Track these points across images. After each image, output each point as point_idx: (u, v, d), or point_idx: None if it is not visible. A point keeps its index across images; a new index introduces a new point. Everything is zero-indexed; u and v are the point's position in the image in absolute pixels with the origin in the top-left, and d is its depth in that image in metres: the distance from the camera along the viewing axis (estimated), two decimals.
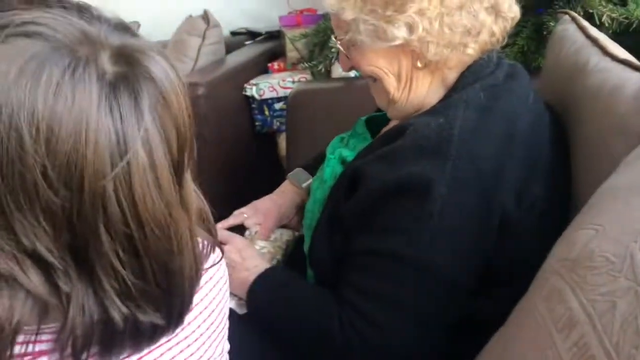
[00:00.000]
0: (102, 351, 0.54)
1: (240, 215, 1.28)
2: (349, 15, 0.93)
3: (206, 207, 0.64)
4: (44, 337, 0.53)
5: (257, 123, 2.14)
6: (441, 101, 0.97)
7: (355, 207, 0.93)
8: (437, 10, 0.90)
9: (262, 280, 1.04)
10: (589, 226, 0.62)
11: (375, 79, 1.00)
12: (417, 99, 0.99)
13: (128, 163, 0.49)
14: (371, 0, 0.91)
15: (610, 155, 0.82)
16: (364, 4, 0.92)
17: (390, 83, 0.97)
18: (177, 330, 0.60)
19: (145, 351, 0.59)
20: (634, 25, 1.49)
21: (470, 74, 0.96)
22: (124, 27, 0.54)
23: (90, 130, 0.47)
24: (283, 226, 1.30)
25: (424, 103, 0.99)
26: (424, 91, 0.98)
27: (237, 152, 2.02)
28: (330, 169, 1.13)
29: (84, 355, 0.53)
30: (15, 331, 0.50)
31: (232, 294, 1.10)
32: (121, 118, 0.49)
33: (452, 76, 0.97)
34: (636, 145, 0.71)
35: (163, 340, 0.60)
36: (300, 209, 1.27)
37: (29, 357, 0.53)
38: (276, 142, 2.19)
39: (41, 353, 0.54)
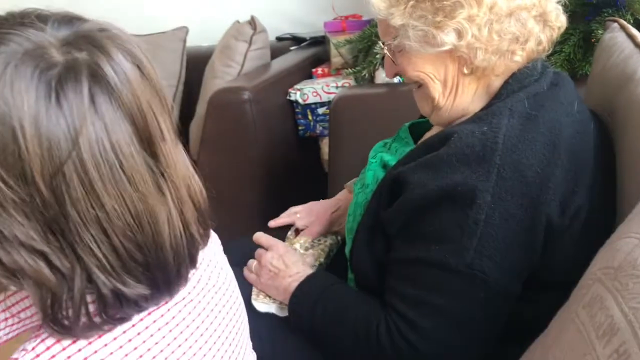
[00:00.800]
0: (103, 322, 0.57)
1: (293, 215, 1.32)
2: (398, 20, 0.94)
3: (198, 184, 0.63)
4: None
5: (300, 127, 2.15)
6: (484, 109, 0.96)
7: (398, 215, 0.93)
8: (487, 17, 0.90)
9: (305, 286, 1.05)
10: (632, 235, 0.62)
11: (420, 85, 1.00)
12: (462, 106, 0.99)
13: (79, 147, 0.50)
14: (421, 6, 0.92)
15: None
16: (414, 9, 0.92)
17: (436, 89, 0.97)
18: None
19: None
20: None
21: (515, 82, 0.95)
22: (70, 19, 0.55)
23: (28, 124, 0.49)
24: (334, 232, 1.32)
25: (468, 110, 0.99)
26: (469, 98, 0.98)
27: (280, 155, 2.04)
28: (372, 173, 1.13)
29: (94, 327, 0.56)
30: (54, 312, 0.53)
31: (273, 299, 1.12)
32: (68, 105, 0.50)
33: (496, 83, 0.97)
34: None
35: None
36: None
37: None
38: (319, 146, 2.21)
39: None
